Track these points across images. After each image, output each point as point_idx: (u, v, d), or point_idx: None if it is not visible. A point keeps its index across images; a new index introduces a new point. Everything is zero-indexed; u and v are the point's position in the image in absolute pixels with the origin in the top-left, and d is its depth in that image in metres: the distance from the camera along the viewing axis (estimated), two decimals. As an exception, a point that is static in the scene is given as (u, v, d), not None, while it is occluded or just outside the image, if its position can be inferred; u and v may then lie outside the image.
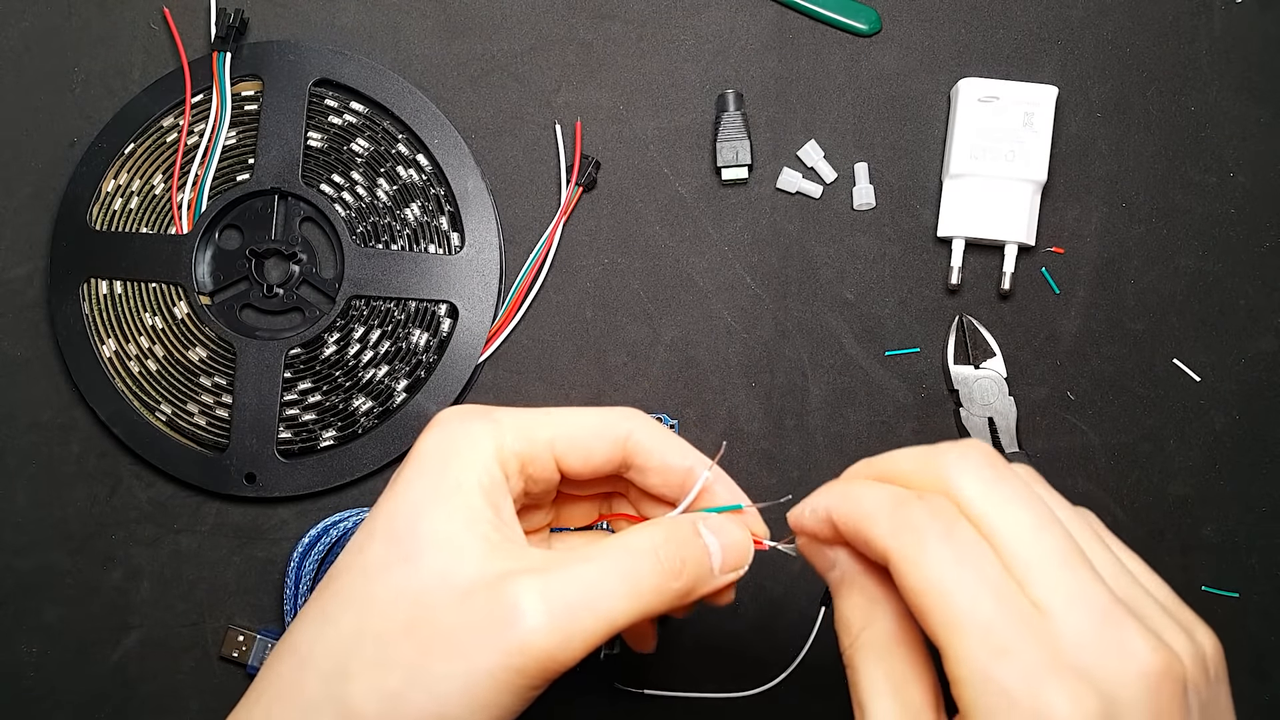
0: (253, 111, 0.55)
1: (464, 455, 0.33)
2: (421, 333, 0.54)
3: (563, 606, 0.31)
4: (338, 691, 0.31)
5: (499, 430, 0.34)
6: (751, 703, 0.53)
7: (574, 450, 0.35)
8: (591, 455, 0.35)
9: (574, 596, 0.31)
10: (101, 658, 0.55)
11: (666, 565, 0.33)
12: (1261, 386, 0.54)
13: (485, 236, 0.55)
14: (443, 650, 0.30)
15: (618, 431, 0.36)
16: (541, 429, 0.35)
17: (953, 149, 0.53)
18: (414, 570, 0.31)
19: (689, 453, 0.37)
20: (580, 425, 0.35)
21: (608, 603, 0.31)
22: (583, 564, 0.32)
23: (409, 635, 0.31)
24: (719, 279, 0.55)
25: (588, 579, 0.31)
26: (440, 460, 0.33)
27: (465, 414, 0.35)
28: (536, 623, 0.30)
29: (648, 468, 0.36)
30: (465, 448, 0.33)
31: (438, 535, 0.32)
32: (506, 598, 0.31)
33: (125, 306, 0.55)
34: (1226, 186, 0.55)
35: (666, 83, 0.56)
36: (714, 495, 0.37)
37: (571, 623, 0.31)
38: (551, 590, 0.31)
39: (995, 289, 0.54)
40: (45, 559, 0.55)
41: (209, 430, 0.54)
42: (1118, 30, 0.55)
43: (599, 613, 0.31)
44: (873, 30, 0.55)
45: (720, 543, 0.35)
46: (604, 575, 0.32)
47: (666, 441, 0.36)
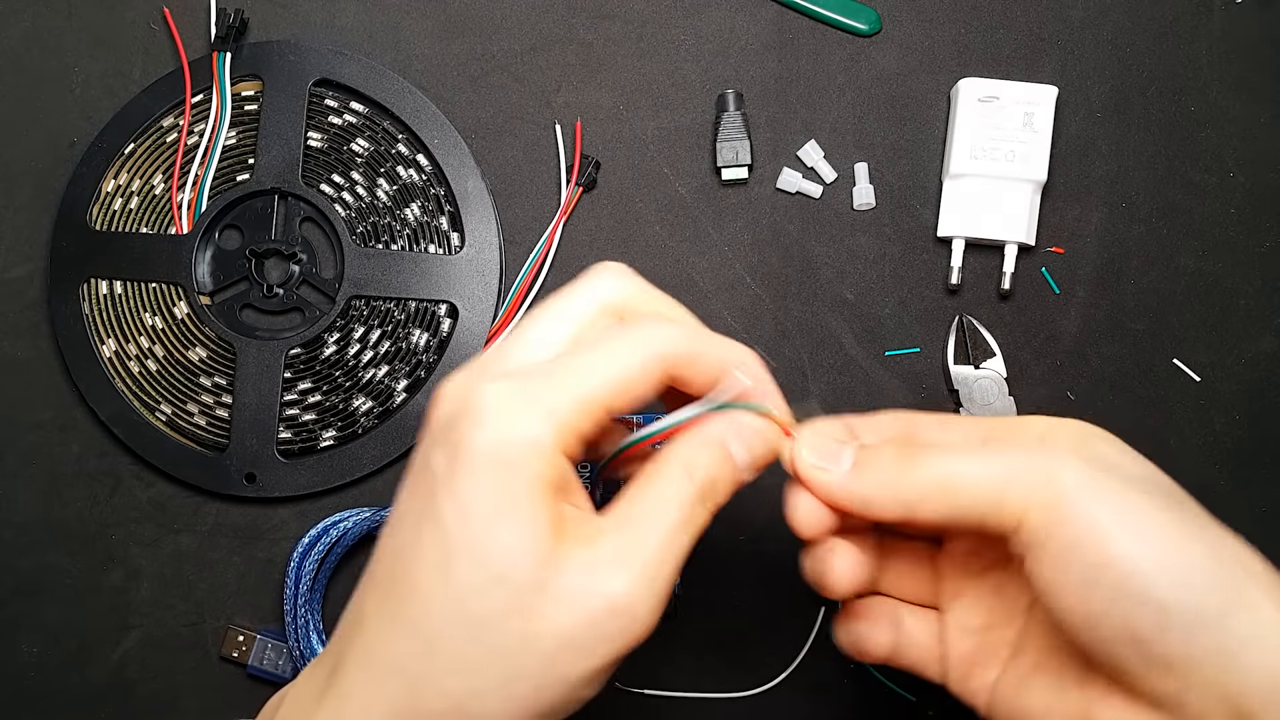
0: (253, 111, 0.55)
1: (527, 459, 0.31)
2: (421, 333, 0.54)
3: (651, 582, 0.32)
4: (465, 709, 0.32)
5: (553, 414, 0.32)
6: (751, 703, 0.53)
7: (624, 395, 0.33)
8: (641, 394, 0.34)
9: (656, 571, 0.32)
10: (101, 658, 0.55)
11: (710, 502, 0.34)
12: (1261, 386, 0.54)
13: (485, 236, 0.55)
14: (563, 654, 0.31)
15: (654, 356, 0.34)
16: (589, 389, 0.33)
17: (953, 149, 0.53)
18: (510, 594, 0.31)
19: (724, 349, 0.36)
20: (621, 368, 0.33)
21: (678, 556, 0.33)
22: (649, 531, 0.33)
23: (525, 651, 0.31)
24: (719, 279, 0.55)
25: (659, 544, 0.33)
26: (502, 467, 0.31)
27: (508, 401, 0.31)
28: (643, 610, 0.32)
29: (689, 378, 0.35)
30: (525, 449, 0.31)
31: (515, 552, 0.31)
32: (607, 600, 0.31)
33: (125, 306, 0.55)
34: (1226, 186, 0.55)
35: (666, 83, 0.56)
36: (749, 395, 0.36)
37: (661, 590, 0.32)
38: (641, 574, 0.32)
39: (995, 289, 0.54)
40: (45, 559, 0.55)
41: (209, 430, 0.54)
42: (1118, 30, 0.55)
43: (674, 567, 0.33)
44: (873, 30, 0.55)
45: (749, 455, 0.35)
46: (670, 535, 0.33)
47: (703, 344, 0.35)
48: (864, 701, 0.54)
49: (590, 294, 0.36)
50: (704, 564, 0.54)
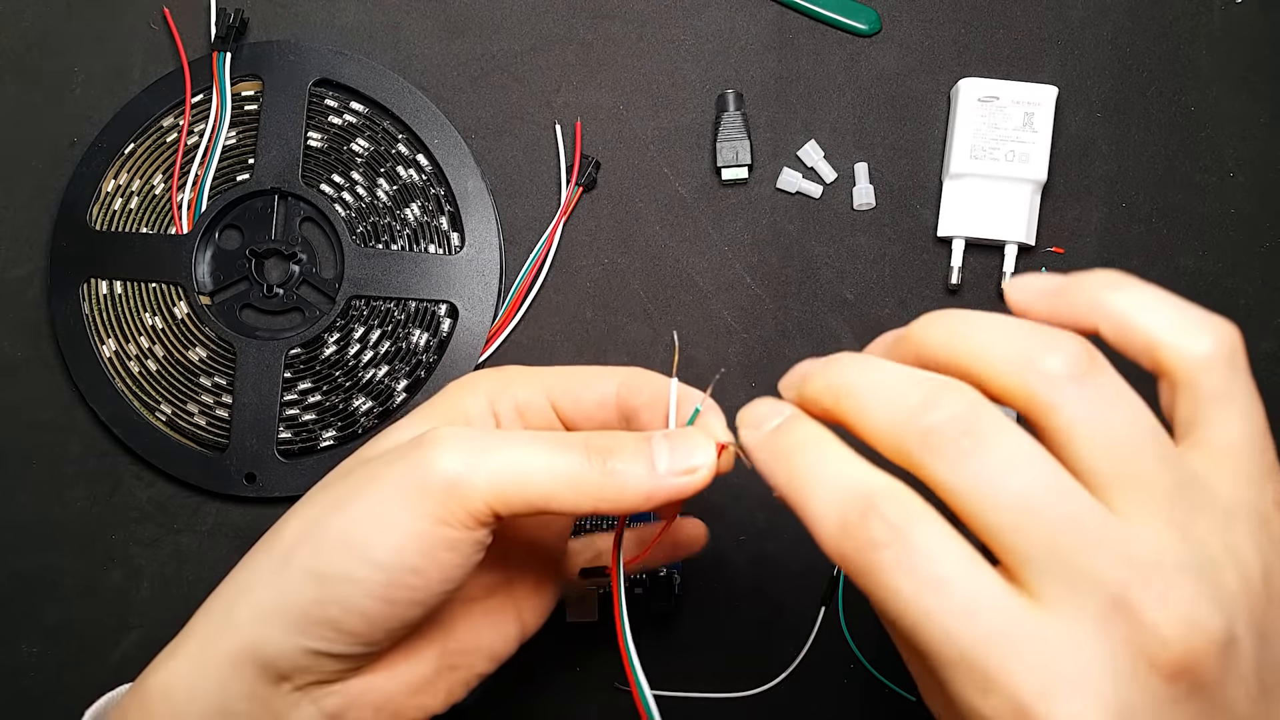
0: (253, 111, 0.55)
1: (460, 391, 0.37)
2: (421, 333, 0.54)
3: (475, 443, 0.32)
4: (278, 529, 0.35)
5: (495, 378, 0.38)
6: (751, 703, 0.53)
7: (565, 398, 0.37)
8: (581, 402, 0.37)
9: (490, 441, 0.32)
10: (101, 658, 0.55)
11: (593, 448, 0.33)
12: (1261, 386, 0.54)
13: (485, 236, 0.55)
14: (362, 478, 0.33)
15: (610, 378, 0.37)
16: (533, 377, 0.38)
17: (953, 149, 0.53)
18: (377, 446, 0.36)
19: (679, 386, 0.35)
20: (572, 374, 0.38)
21: (523, 456, 0.32)
22: (515, 433, 0.35)
23: (346, 477, 0.34)
24: (719, 279, 0.55)
25: (511, 435, 0.33)
26: (442, 396, 0.38)
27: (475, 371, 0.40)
28: (443, 447, 0.32)
29: (638, 405, 0.36)
30: (463, 387, 0.38)
31: (412, 429, 0.36)
32: (427, 434, 0.33)
33: (125, 306, 0.55)
34: (1226, 186, 0.55)
35: (666, 83, 0.56)
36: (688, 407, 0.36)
37: (480, 455, 0.32)
38: (469, 432, 0.33)
39: (995, 289, 0.54)
40: (45, 559, 0.55)
41: (209, 430, 0.54)
42: (1118, 30, 0.55)
43: (511, 459, 0.32)
44: (873, 30, 0.55)
45: (669, 443, 0.33)
46: (527, 437, 0.33)
47: (658, 379, 0.37)
48: (864, 701, 0.54)
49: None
50: (704, 564, 0.54)
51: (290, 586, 0.33)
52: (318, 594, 0.32)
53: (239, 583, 0.35)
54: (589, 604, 0.53)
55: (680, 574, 0.53)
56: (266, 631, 0.33)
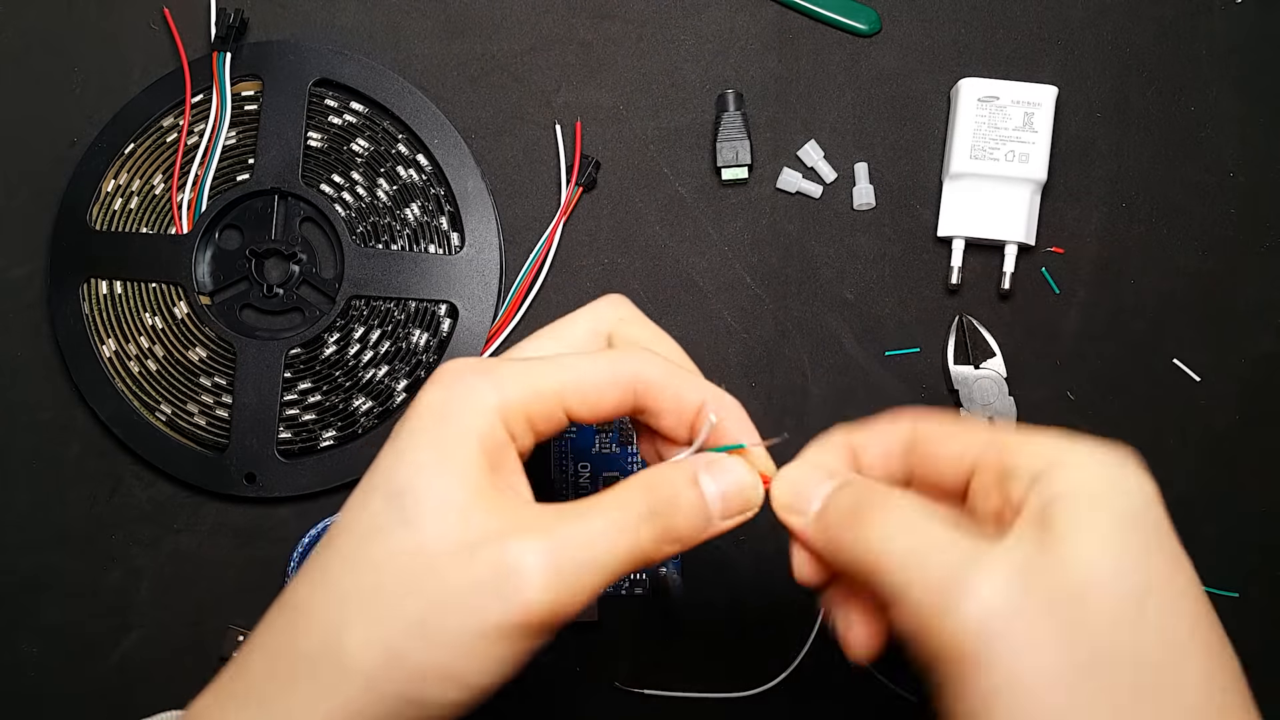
0: (253, 111, 0.55)
1: (465, 413, 0.32)
2: (421, 333, 0.54)
3: (565, 566, 0.31)
4: (335, 642, 0.31)
5: (501, 386, 0.33)
6: (751, 703, 0.53)
7: (582, 399, 0.34)
8: (601, 402, 0.34)
9: (574, 556, 0.31)
10: (101, 658, 0.55)
11: (657, 521, 0.33)
12: (1261, 386, 0.54)
13: (485, 236, 0.55)
14: (445, 606, 0.31)
15: (625, 373, 0.35)
16: (545, 380, 0.34)
17: (953, 149, 0.53)
18: (413, 532, 0.31)
19: (702, 388, 0.36)
20: (588, 372, 0.34)
21: (606, 559, 0.32)
22: (580, 522, 0.32)
23: (410, 591, 0.31)
24: (719, 279, 0.55)
25: (586, 538, 0.32)
26: (440, 417, 0.32)
27: (466, 369, 0.33)
28: (539, 582, 0.31)
29: (660, 409, 0.35)
30: (466, 405, 0.33)
31: (437, 496, 0.32)
32: (509, 557, 0.31)
33: (125, 306, 0.55)
34: (1226, 186, 0.55)
35: (666, 83, 0.56)
36: (727, 436, 0.36)
37: (573, 581, 0.31)
38: (553, 550, 0.31)
39: (995, 289, 0.54)
40: (45, 559, 0.55)
41: (209, 430, 0.54)
42: (1118, 30, 0.55)
43: (598, 569, 0.32)
44: (873, 30, 0.55)
45: (720, 489, 0.34)
46: (602, 533, 0.32)
47: (678, 378, 0.35)
48: (864, 701, 0.54)
49: (584, 319, 0.37)
50: (704, 564, 0.54)
51: (384, 708, 0.31)
52: (417, 714, 0.32)
53: (297, 688, 0.32)
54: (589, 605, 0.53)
55: (680, 574, 0.53)
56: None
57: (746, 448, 0.35)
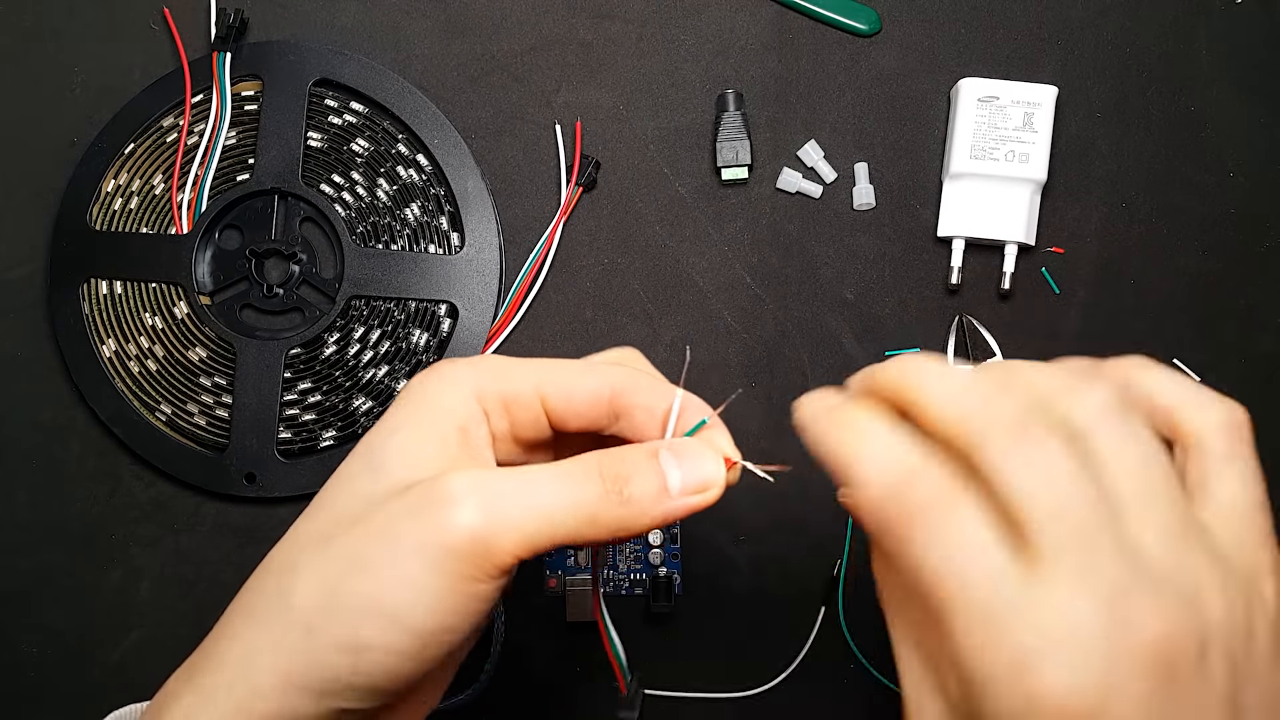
0: (253, 111, 0.55)
1: (443, 387, 0.35)
2: (421, 333, 0.54)
3: (494, 494, 0.32)
4: (285, 586, 0.32)
5: (478, 370, 0.35)
6: (751, 703, 0.53)
7: (556, 391, 0.35)
8: (574, 397, 0.35)
9: (508, 489, 0.32)
10: (101, 658, 0.55)
11: (608, 482, 0.33)
12: (1261, 386, 0.54)
13: (485, 236, 0.55)
14: (378, 536, 0.32)
15: (603, 375, 0.36)
16: (523, 369, 0.35)
17: (953, 149, 0.53)
18: (374, 477, 0.33)
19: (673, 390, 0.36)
20: (564, 366, 0.36)
21: (542, 499, 0.32)
22: (522, 469, 0.33)
23: (354, 527, 0.32)
24: (719, 279, 0.55)
25: (525, 477, 0.32)
26: (420, 393, 0.35)
27: (452, 360, 0.36)
28: (467, 504, 0.31)
29: (633, 406, 0.35)
30: (445, 382, 0.35)
31: (404, 450, 0.33)
32: (439, 484, 0.32)
33: (125, 306, 0.55)
34: (1226, 186, 0.55)
35: (666, 83, 0.56)
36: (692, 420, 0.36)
37: (502, 509, 0.32)
38: (484, 480, 0.32)
39: (995, 289, 0.54)
40: (45, 559, 0.55)
41: (209, 430, 0.54)
42: (1118, 30, 0.55)
43: (531, 507, 0.32)
44: (873, 30, 0.55)
45: (677, 460, 0.34)
46: (541, 477, 0.33)
47: (652, 380, 0.36)
48: (864, 701, 0.54)
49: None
50: (704, 564, 0.54)
51: (322, 659, 0.32)
52: (353, 663, 0.32)
53: (253, 644, 0.33)
54: (588, 604, 0.53)
55: (680, 574, 0.53)
56: (298, 701, 0.32)
57: (708, 422, 0.35)
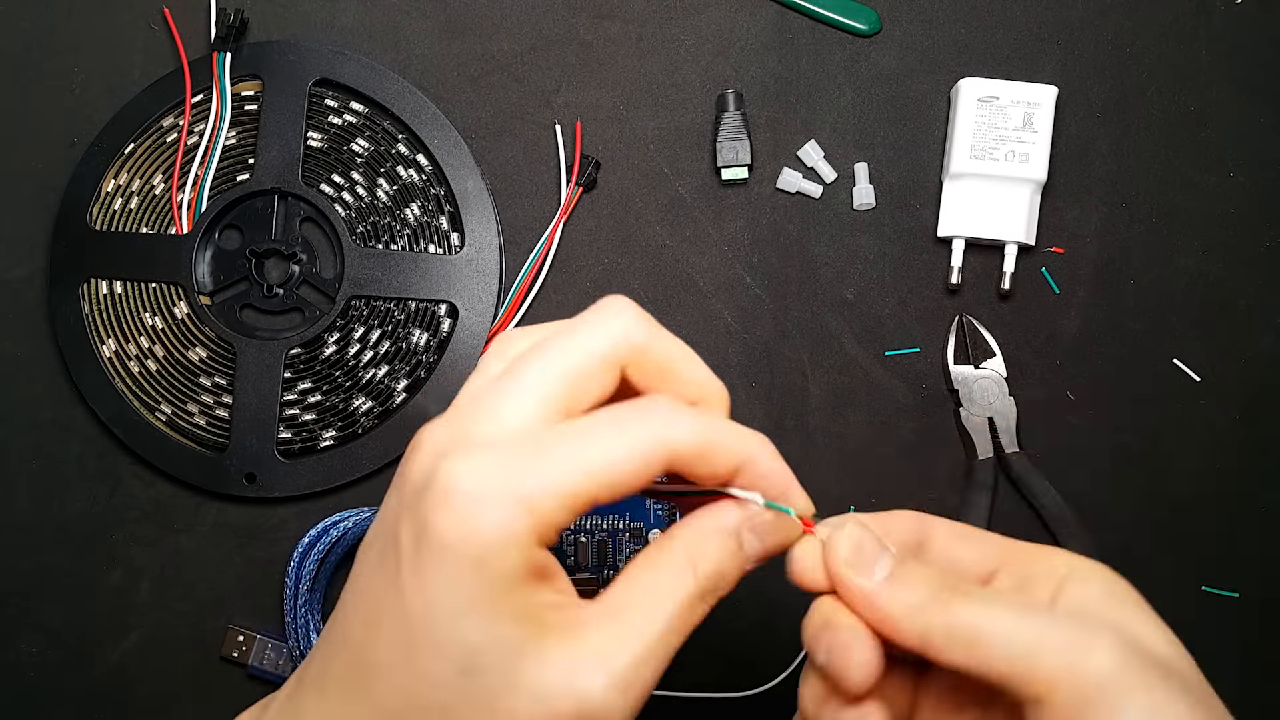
0: (253, 111, 0.55)
1: (500, 553, 0.29)
2: (421, 333, 0.54)
3: (630, 676, 0.31)
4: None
5: (532, 507, 0.29)
6: (751, 703, 0.53)
7: (611, 491, 0.31)
8: (631, 488, 0.31)
9: (636, 666, 0.31)
10: (101, 658, 0.55)
11: (711, 595, 0.34)
12: (1261, 386, 0.54)
13: (485, 236, 0.55)
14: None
15: (656, 452, 0.31)
16: (579, 486, 0.30)
17: (953, 149, 0.53)
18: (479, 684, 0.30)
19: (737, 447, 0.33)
20: (615, 461, 0.30)
21: (665, 651, 0.32)
22: (634, 624, 0.32)
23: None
24: (719, 279, 0.55)
25: (644, 640, 0.32)
26: (473, 557, 0.29)
27: (483, 495, 0.29)
28: (605, 703, 0.30)
29: (692, 474, 0.33)
30: (499, 543, 0.29)
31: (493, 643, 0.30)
32: (580, 696, 0.30)
33: (125, 306, 0.55)
34: (1226, 186, 0.55)
35: (666, 83, 0.56)
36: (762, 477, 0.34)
37: (639, 686, 0.31)
38: (617, 669, 0.31)
39: (995, 289, 0.54)
40: (45, 559, 0.55)
41: (209, 430, 0.54)
42: (1118, 30, 0.55)
43: (658, 664, 0.32)
44: (873, 30, 0.55)
45: (763, 548, 0.35)
46: (659, 631, 0.32)
47: (711, 438, 0.32)
48: (864, 701, 0.53)
49: (593, 341, 0.32)
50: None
51: None
52: None
53: None
54: None
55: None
56: None
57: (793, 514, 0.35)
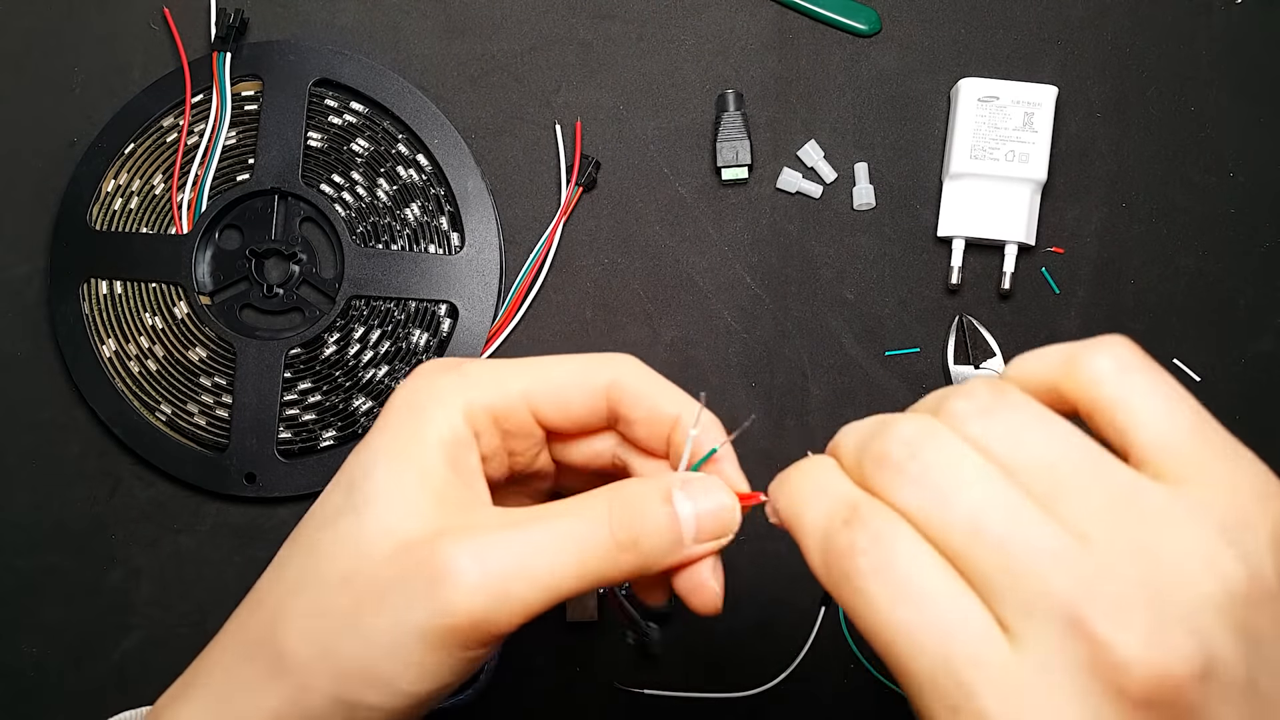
0: (253, 111, 0.55)
1: (428, 409, 0.32)
2: (421, 333, 0.54)
3: (497, 571, 0.30)
4: (274, 634, 0.32)
5: (466, 383, 0.32)
6: (751, 703, 0.53)
7: (550, 401, 0.33)
8: (569, 405, 0.33)
9: (510, 561, 0.30)
10: (101, 658, 0.55)
11: (618, 535, 0.31)
12: (1261, 386, 0.54)
13: (485, 236, 0.55)
14: (374, 603, 0.30)
15: (598, 379, 0.33)
16: (513, 380, 0.33)
17: (953, 149, 0.53)
18: (359, 520, 0.31)
19: (679, 399, 0.33)
20: (556, 373, 0.33)
21: (547, 569, 0.30)
22: (526, 527, 0.31)
23: (345, 584, 0.31)
24: (719, 279, 0.55)
25: (529, 543, 0.30)
26: (404, 414, 0.32)
27: (434, 368, 0.33)
28: (467, 583, 0.29)
29: (633, 418, 0.33)
30: (430, 401, 0.32)
31: (387, 488, 0.31)
32: (439, 557, 0.30)
33: (125, 306, 0.55)
34: (1226, 186, 0.55)
35: (666, 83, 0.56)
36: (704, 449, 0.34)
37: (505, 587, 0.30)
38: (487, 553, 0.30)
39: (995, 289, 0.54)
40: (45, 559, 0.55)
41: (209, 430, 0.54)
42: (1118, 30, 0.55)
43: (536, 580, 0.30)
44: (873, 30, 0.55)
45: (695, 509, 0.32)
46: (547, 541, 0.31)
47: (654, 386, 0.33)
48: (864, 701, 0.54)
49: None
50: (704, 564, 0.54)
51: (314, 709, 0.31)
52: (346, 716, 0.31)
53: (244, 680, 0.32)
54: (588, 604, 0.53)
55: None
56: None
57: (718, 451, 0.33)
